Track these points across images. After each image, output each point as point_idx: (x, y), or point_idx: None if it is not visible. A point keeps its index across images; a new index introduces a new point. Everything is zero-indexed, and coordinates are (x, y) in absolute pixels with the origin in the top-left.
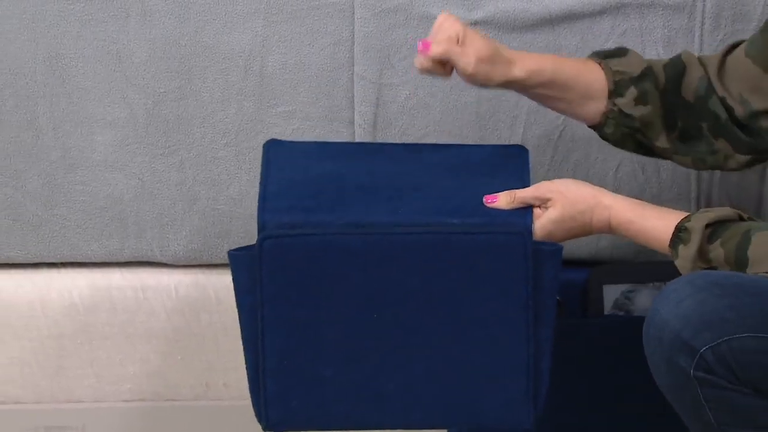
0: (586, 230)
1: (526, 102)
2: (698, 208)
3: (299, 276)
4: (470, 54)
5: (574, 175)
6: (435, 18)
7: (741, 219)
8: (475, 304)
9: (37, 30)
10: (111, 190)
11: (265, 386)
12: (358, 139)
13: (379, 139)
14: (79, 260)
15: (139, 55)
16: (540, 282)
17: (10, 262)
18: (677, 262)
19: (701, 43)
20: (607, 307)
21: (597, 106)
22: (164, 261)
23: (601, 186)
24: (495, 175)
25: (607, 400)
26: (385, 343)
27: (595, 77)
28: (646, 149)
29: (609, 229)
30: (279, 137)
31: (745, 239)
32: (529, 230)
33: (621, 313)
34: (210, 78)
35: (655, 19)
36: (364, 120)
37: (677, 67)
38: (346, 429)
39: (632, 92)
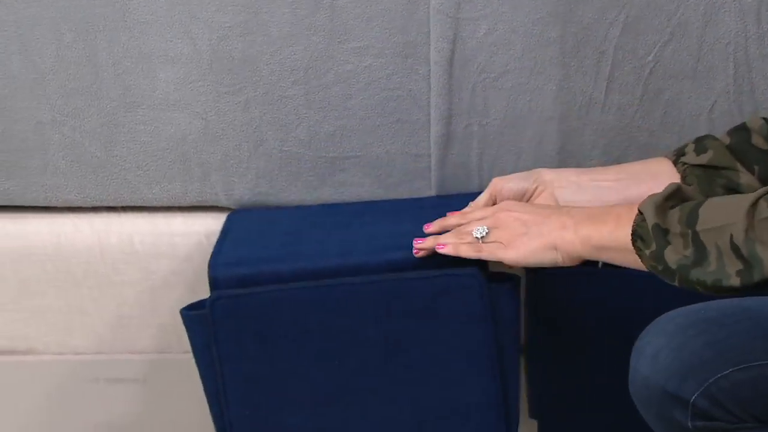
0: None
1: (614, 36)
2: None
3: (255, 332)
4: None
5: (665, 116)
6: None
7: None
8: (436, 344)
9: None
10: (173, 131)
11: None
12: (433, 78)
13: (456, 78)
14: (139, 204)
15: None
16: (500, 315)
17: (69, 205)
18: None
19: None
20: None
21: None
22: (229, 205)
23: (695, 127)
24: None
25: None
26: (350, 389)
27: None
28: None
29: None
30: (350, 75)
31: (698, 204)
32: (480, 271)
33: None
34: (278, 12)
35: None
36: (441, 57)
37: (742, 127)
38: None
39: (690, 146)
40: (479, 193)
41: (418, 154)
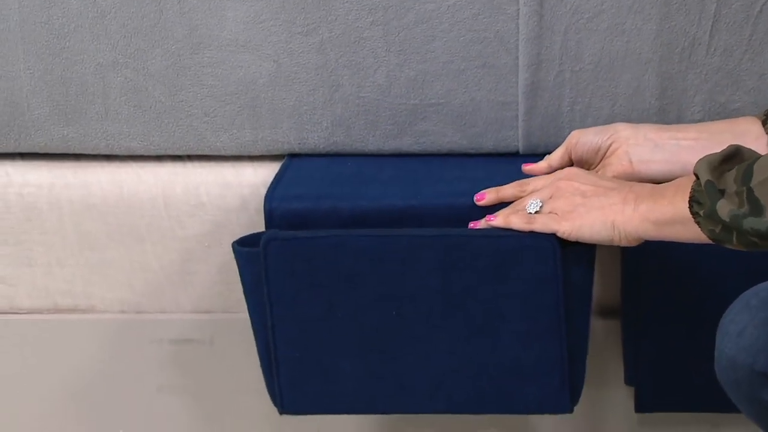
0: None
1: None
2: None
3: (308, 276)
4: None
5: None
6: None
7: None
8: (501, 302)
9: None
10: (243, 74)
11: (278, 373)
12: (522, 19)
13: (547, 18)
14: (206, 153)
15: None
16: (571, 279)
17: (131, 153)
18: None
19: None
20: None
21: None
22: (302, 154)
23: None
24: None
25: None
26: (406, 337)
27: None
28: None
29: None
30: (434, 15)
31: (753, 161)
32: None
33: None
34: None
35: None
36: None
37: None
38: (365, 413)
39: None
40: None
41: (505, 102)
